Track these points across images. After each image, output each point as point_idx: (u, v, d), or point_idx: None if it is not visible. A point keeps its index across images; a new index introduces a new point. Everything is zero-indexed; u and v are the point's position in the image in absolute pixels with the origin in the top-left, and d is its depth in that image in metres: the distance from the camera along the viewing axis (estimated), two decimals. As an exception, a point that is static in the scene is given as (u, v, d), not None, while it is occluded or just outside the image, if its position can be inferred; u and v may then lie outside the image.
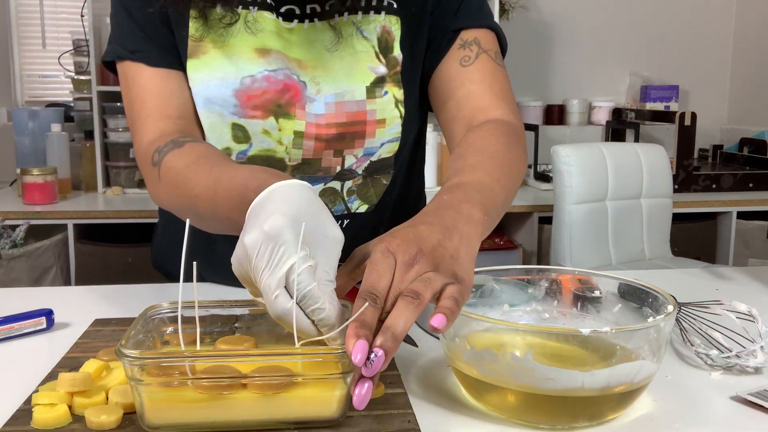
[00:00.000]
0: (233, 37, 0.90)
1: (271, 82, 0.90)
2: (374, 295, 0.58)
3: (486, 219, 0.69)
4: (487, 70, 0.93)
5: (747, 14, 3.54)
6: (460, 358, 0.66)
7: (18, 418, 0.62)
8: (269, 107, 0.91)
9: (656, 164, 2.46)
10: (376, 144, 0.95)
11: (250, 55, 0.90)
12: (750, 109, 3.52)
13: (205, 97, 0.90)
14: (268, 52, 0.91)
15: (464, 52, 0.93)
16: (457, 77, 0.93)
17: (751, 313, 0.80)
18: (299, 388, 0.60)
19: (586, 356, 0.65)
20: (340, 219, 1.01)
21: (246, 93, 0.90)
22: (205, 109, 0.91)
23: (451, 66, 0.93)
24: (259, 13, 0.90)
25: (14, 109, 2.97)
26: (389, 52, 0.93)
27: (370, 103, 0.92)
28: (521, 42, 3.38)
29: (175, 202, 0.85)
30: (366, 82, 0.92)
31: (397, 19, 0.93)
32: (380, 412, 0.63)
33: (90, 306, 0.98)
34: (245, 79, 0.90)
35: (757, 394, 0.68)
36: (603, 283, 0.77)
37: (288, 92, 0.91)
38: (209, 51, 0.90)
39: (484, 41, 0.94)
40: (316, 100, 0.91)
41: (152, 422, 0.59)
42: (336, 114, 0.91)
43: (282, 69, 0.91)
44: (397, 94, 0.93)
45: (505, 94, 0.93)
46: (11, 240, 2.31)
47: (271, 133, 0.92)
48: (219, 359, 0.61)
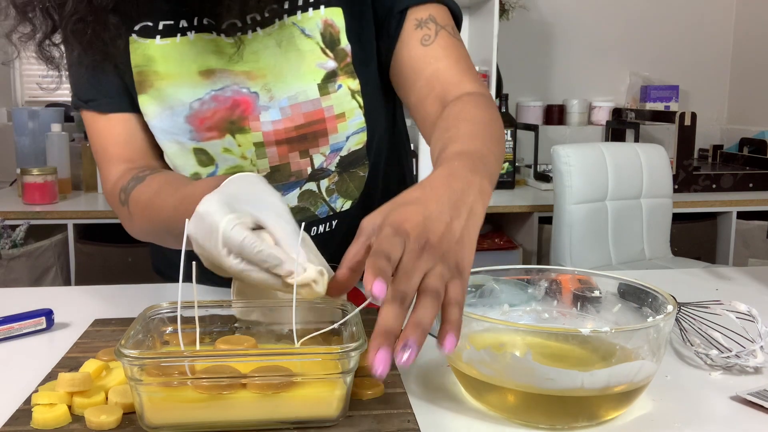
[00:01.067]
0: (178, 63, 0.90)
1: (219, 101, 0.91)
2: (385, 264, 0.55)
3: (491, 191, 0.68)
4: (450, 46, 0.92)
5: (747, 14, 3.54)
6: (460, 358, 0.66)
7: (18, 418, 0.62)
8: (223, 126, 0.91)
9: (656, 164, 2.46)
10: (341, 138, 0.94)
11: (195, 79, 0.91)
12: (750, 109, 3.52)
13: (160, 128, 0.92)
14: (212, 72, 0.91)
15: (423, 32, 0.92)
16: (422, 57, 0.91)
17: (751, 313, 0.80)
18: (299, 387, 0.60)
19: (586, 356, 0.65)
20: (327, 221, 1.00)
21: (197, 117, 0.91)
22: (165, 139, 0.92)
23: (412, 48, 0.92)
24: (197, 36, 0.91)
25: (14, 109, 2.97)
26: (336, 45, 0.92)
27: (325, 99, 0.92)
28: (521, 42, 3.38)
29: (150, 232, 0.89)
30: (317, 79, 0.91)
31: (339, 11, 0.92)
32: (380, 412, 0.63)
33: (90, 306, 0.98)
34: (194, 104, 0.90)
35: (757, 394, 0.68)
36: (603, 283, 0.77)
37: (238, 107, 0.91)
38: (154, 83, 0.91)
39: (439, 17, 0.93)
40: (271, 107, 0.91)
41: (152, 422, 0.59)
42: (293, 117, 0.91)
43: (228, 86, 0.91)
44: (351, 85, 0.92)
45: (470, 68, 0.93)
46: (11, 240, 2.31)
47: (232, 150, 0.92)
48: (218, 359, 0.61)
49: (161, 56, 0.91)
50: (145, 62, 0.91)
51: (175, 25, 0.91)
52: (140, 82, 0.91)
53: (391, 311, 0.54)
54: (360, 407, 0.64)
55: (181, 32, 0.91)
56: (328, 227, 1.00)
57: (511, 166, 2.93)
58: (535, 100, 3.43)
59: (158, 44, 0.91)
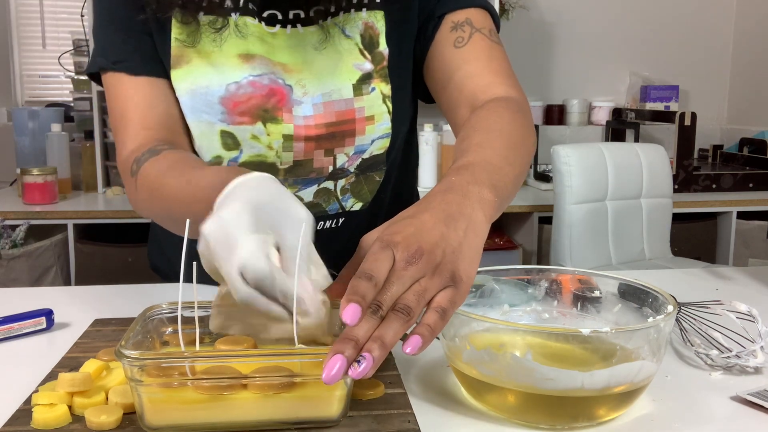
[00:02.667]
0: (222, 42, 0.89)
1: (256, 87, 0.90)
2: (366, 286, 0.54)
3: (496, 200, 0.65)
4: (483, 48, 0.91)
5: (747, 14, 3.54)
6: (460, 358, 0.66)
7: (18, 418, 0.62)
8: (256, 112, 0.90)
9: (656, 164, 2.46)
10: (367, 141, 0.95)
11: (234, 62, 0.90)
12: (750, 109, 3.52)
13: (191, 106, 0.90)
14: (252, 57, 0.90)
15: (457, 34, 0.91)
16: (453, 60, 0.91)
17: (751, 313, 0.80)
18: (299, 388, 0.60)
19: (586, 356, 0.65)
20: (335, 218, 1.01)
21: (232, 99, 0.89)
22: (194, 118, 0.91)
23: (445, 49, 0.92)
24: (241, 18, 0.90)
25: (14, 109, 2.97)
26: (374, 48, 0.92)
27: (358, 100, 0.92)
28: (521, 42, 3.38)
29: (151, 209, 0.86)
30: (352, 79, 0.91)
31: (381, 14, 0.93)
32: (380, 412, 0.63)
33: (90, 306, 0.98)
34: (230, 86, 0.89)
35: (757, 394, 0.68)
36: (603, 283, 0.77)
37: (274, 96, 0.90)
38: (192, 60, 0.89)
39: (476, 20, 0.92)
40: (303, 102, 0.91)
41: (152, 423, 0.59)
42: (325, 114, 0.91)
43: (266, 74, 0.90)
44: (384, 89, 0.93)
45: (505, 70, 0.91)
46: (11, 240, 2.30)
47: (260, 138, 0.92)
48: (219, 359, 0.61)
49: (203, 33, 0.89)
50: (186, 37, 0.89)
51: (220, 2, 0.89)
52: (178, 56, 0.89)
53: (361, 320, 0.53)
54: (360, 407, 0.64)
55: (226, 11, 0.89)
56: (335, 224, 1.01)
57: (511, 166, 2.92)
58: (535, 100, 3.43)
59: (201, 19, 0.89)
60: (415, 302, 0.55)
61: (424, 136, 2.87)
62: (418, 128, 3.09)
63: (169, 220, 0.83)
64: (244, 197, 0.61)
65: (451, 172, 0.68)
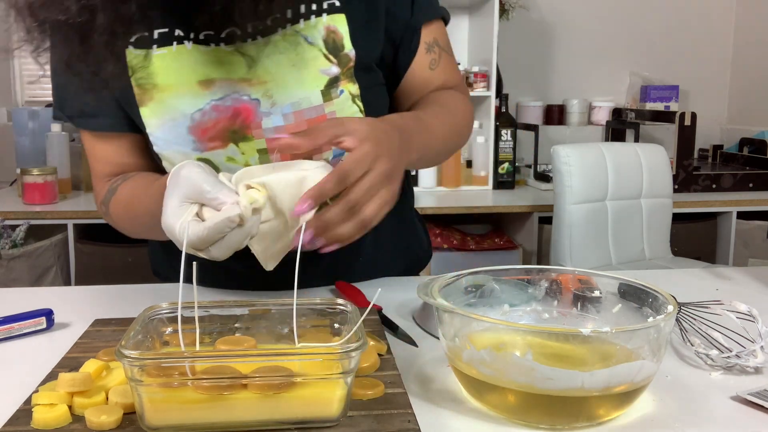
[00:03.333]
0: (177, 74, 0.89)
1: (220, 111, 0.90)
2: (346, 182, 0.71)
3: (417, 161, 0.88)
4: (448, 68, 1.04)
5: (747, 14, 3.54)
6: (460, 358, 0.66)
7: (18, 419, 0.62)
8: (225, 135, 0.91)
9: (656, 164, 2.45)
10: None
11: (195, 90, 0.90)
12: (750, 109, 3.52)
13: (164, 139, 0.92)
14: (212, 82, 0.90)
15: (431, 56, 1.02)
16: (428, 80, 1.02)
17: (751, 313, 0.80)
18: (299, 388, 0.60)
19: (586, 356, 0.65)
20: None
21: (199, 128, 0.90)
22: (168, 151, 0.92)
23: (422, 70, 1.01)
24: (194, 46, 0.89)
25: (14, 109, 2.97)
26: (339, 51, 0.92)
27: (328, 105, 0.91)
28: (521, 42, 3.38)
29: (131, 228, 0.96)
30: (320, 85, 0.91)
31: (342, 17, 0.92)
32: (380, 412, 0.63)
33: (90, 306, 0.98)
34: (195, 115, 0.90)
35: (757, 394, 0.68)
36: (603, 283, 0.77)
37: (239, 116, 0.90)
38: (154, 96, 0.90)
39: (441, 38, 1.03)
40: (273, 113, 0.91)
41: (152, 423, 0.59)
42: (296, 124, 0.91)
43: (229, 95, 0.90)
44: (352, 89, 0.93)
45: (459, 79, 1.07)
46: (11, 240, 2.30)
47: (235, 159, 0.92)
48: (219, 359, 0.61)
49: (160, 67, 0.89)
50: (144, 75, 0.90)
51: (170, 33, 0.89)
52: (140, 94, 0.90)
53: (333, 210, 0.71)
54: (360, 407, 0.64)
55: (177, 40, 0.89)
56: None
57: (511, 166, 2.93)
58: (535, 100, 3.43)
59: (156, 54, 0.89)
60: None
61: (424, 136, 2.86)
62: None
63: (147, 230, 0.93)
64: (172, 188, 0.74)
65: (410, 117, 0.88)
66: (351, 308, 0.70)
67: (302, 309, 0.71)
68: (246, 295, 1.04)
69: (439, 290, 0.71)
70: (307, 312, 0.72)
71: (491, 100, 2.92)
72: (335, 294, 1.03)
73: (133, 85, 0.90)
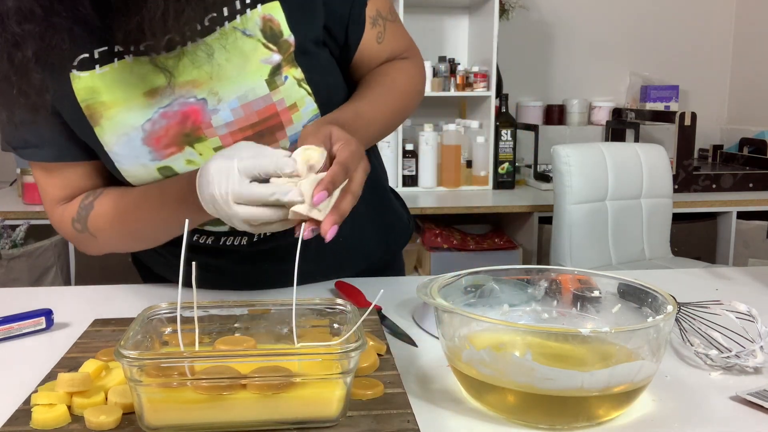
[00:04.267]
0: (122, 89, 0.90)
1: (168, 117, 0.90)
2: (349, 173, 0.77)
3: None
4: (395, 35, 1.06)
5: (747, 14, 3.54)
6: (459, 358, 0.66)
7: (17, 419, 0.62)
8: (179, 140, 0.91)
9: (656, 164, 2.45)
10: (298, 128, 0.94)
11: (141, 102, 0.90)
12: (750, 109, 3.52)
13: (123, 154, 0.91)
14: (157, 90, 0.90)
15: (377, 30, 1.03)
16: (377, 53, 1.04)
17: (750, 313, 0.80)
18: (299, 388, 0.60)
19: (586, 356, 0.65)
20: None
21: (152, 137, 0.90)
22: (128, 165, 0.92)
23: (370, 45, 1.03)
24: (135, 59, 0.89)
25: (14, 109, 2.96)
26: (278, 38, 0.92)
27: (275, 93, 0.92)
28: (521, 42, 3.38)
29: (122, 240, 0.96)
30: (263, 75, 0.91)
31: (276, 5, 0.92)
32: (380, 412, 0.63)
33: (90, 306, 0.98)
34: (145, 125, 0.90)
35: (756, 394, 0.68)
36: (603, 283, 0.77)
37: (189, 119, 0.91)
38: (104, 113, 0.90)
39: (383, 8, 1.04)
40: (220, 109, 0.91)
41: (151, 423, 0.59)
42: (246, 116, 0.91)
43: (175, 100, 0.90)
44: (296, 74, 0.93)
45: (407, 42, 1.08)
46: (11, 240, 2.30)
47: (194, 161, 0.92)
48: (218, 360, 0.61)
49: (104, 85, 0.89)
50: (90, 95, 0.89)
51: (110, 50, 0.89)
52: (90, 115, 0.90)
53: None
54: (360, 407, 0.64)
55: (117, 56, 0.89)
56: None
57: (511, 166, 2.93)
58: (535, 100, 3.43)
59: (98, 73, 0.89)
60: None
61: (424, 136, 2.87)
62: (418, 128, 3.09)
63: (140, 240, 0.96)
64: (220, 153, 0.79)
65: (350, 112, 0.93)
66: (350, 308, 0.70)
67: (302, 309, 0.71)
68: (245, 295, 1.04)
69: (439, 290, 0.71)
70: (307, 312, 0.72)
71: (491, 100, 2.93)
72: (335, 294, 1.03)
73: (82, 107, 0.90)
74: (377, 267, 1.16)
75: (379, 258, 1.17)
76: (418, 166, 2.91)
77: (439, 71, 2.94)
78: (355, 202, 0.78)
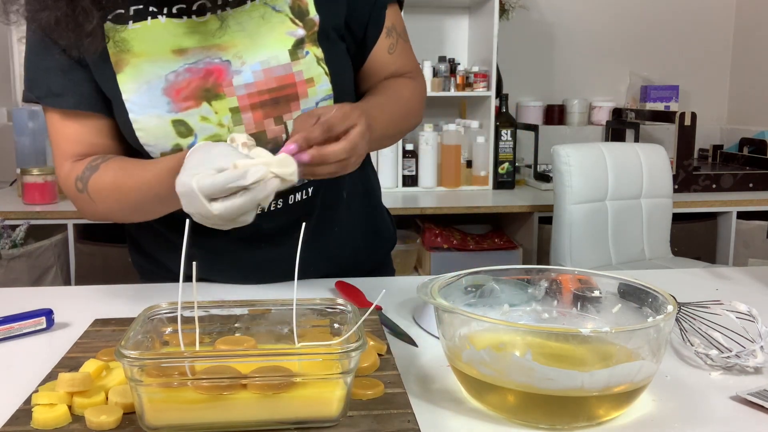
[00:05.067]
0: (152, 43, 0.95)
1: (193, 72, 0.95)
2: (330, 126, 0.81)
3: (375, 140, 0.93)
4: (405, 52, 1.10)
5: (747, 14, 3.54)
6: (460, 358, 0.66)
7: (18, 418, 0.62)
8: (198, 94, 0.95)
9: (656, 164, 2.45)
10: (311, 104, 0.98)
11: (169, 57, 0.95)
12: (750, 109, 3.52)
13: (139, 103, 0.95)
14: (185, 50, 0.95)
15: (390, 40, 1.07)
16: (386, 64, 1.08)
17: (751, 313, 0.80)
18: (299, 388, 0.60)
19: (586, 356, 0.65)
20: (303, 188, 1.04)
21: (173, 88, 0.95)
22: (144, 115, 0.95)
23: (382, 52, 1.07)
24: (168, 20, 0.95)
25: (14, 109, 2.97)
26: (305, 15, 0.98)
27: (295, 64, 0.97)
28: (521, 42, 3.38)
29: (117, 209, 0.97)
30: (287, 45, 0.96)
31: None
32: (380, 412, 0.63)
33: (90, 306, 0.98)
34: (169, 76, 0.95)
35: (756, 394, 0.68)
36: (603, 283, 0.77)
37: (211, 75, 0.95)
38: (130, 61, 0.95)
39: (398, 24, 1.08)
40: (243, 71, 0.96)
41: (152, 423, 0.59)
42: (265, 80, 0.96)
43: (201, 59, 0.95)
44: (317, 53, 0.98)
45: (413, 63, 1.12)
46: (11, 240, 2.30)
47: (209, 118, 0.96)
48: (218, 359, 0.61)
49: (135, 39, 0.94)
50: (122, 46, 0.94)
51: (144, 9, 0.95)
52: (117, 62, 0.95)
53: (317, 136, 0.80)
54: (360, 407, 0.64)
55: (151, 15, 0.95)
56: (305, 194, 1.04)
57: (511, 166, 2.93)
58: (535, 100, 3.43)
59: (131, 28, 0.94)
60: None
61: (424, 136, 2.87)
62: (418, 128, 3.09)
63: (131, 211, 0.97)
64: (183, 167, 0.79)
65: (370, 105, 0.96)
66: (351, 308, 0.70)
67: (302, 309, 0.71)
68: (245, 292, 1.04)
69: (439, 290, 0.71)
70: (307, 312, 0.72)
71: (491, 100, 2.92)
72: (335, 294, 1.03)
73: (110, 53, 0.94)
74: (367, 268, 1.17)
75: (367, 257, 1.18)
76: (418, 166, 2.91)
77: (439, 71, 2.94)
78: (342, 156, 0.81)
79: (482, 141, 2.89)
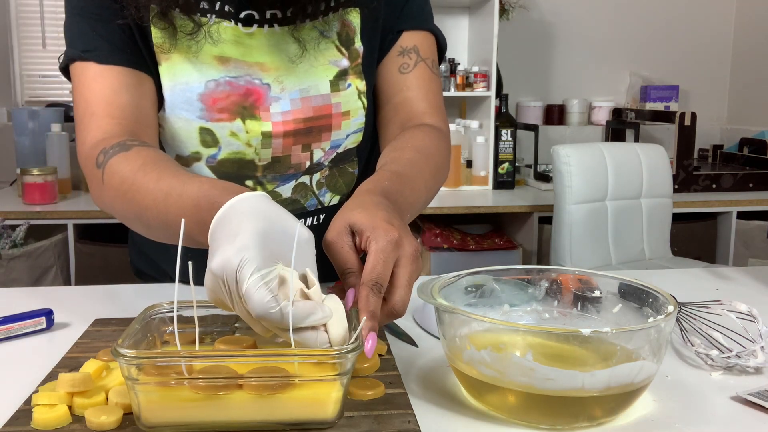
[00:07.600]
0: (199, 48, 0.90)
1: (233, 87, 0.91)
2: (380, 285, 0.64)
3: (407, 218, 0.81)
4: (424, 78, 0.99)
5: (747, 14, 3.54)
6: (460, 358, 0.66)
7: (18, 419, 0.62)
8: (235, 109, 0.91)
9: (656, 164, 2.45)
10: (342, 136, 0.97)
11: (211, 62, 0.90)
12: (750, 109, 3.52)
13: (170, 102, 0.90)
14: (228, 60, 0.91)
15: (403, 60, 0.98)
16: (395, 84, 0.98)
17: (751, 313, 0.80)
18: (295, 389, 0.60)
19: (587, 356, 0.65)
20: (315, 214, 1.02)
21: (211, 96, 0.90)
22: (172, 114, 0.91)
23: (390, 71, 0.99)
24: (216, 21, 0.90)
25: (14, 109, 2.97)
26: (351, 44, 0.95)
27: (335, 96, 0.94)
28: (521, 42, 3.38)
29: (121, 209, 0.83)
30: (329, 75, 0.94)
31: (356, 12, 0.95)
32: (380, 412, 0.63)
33: (90, 306, 0.98)
34: (209, 83, 0.90)
35: (757, 394, 0.68)
36: (603, 283, 0.77)
37: (251, 96, 0.92)
38: (172, 57, 0.90)
39: (423, 48, 0.99)
40: (281, 98, 0.93)
41: (149, 422, 0.59)
42: (302, 109, 0.93)
43: (242, 76, 0.91)
44: (359, 85, 0.95)
45: (439, 103, 1.00)
46: (11, 240, 2.30)
47: (238, 135, 0.92)
48: (215, 359, 0.61)
49: (179, 37, 0.89)
50: (163, 41, 0.89)
51: (195, 3, 0.89)
52: (159, 52, 0.90)
53: (375, 302, 0.64)
54: (360, 407, 0.64)
55: (201, 12, 0.89)
56: (316, 221, 1.03)
57: (511, 166, 2.93)
58: (535, 100, 3.43)
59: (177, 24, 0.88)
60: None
61: (424, 136, 2.86)
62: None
63: (139, 224, 0.82)
64: (247, 228, 0.61)
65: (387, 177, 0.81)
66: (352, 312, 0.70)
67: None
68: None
69: (439, 290, 0.71)
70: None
71: (491, 100, 2.92)
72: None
73: (154, 43, 0.89)
74: None
75: None
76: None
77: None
78: (407, 299, 0.66)
79: (482, 141, 2.89)
